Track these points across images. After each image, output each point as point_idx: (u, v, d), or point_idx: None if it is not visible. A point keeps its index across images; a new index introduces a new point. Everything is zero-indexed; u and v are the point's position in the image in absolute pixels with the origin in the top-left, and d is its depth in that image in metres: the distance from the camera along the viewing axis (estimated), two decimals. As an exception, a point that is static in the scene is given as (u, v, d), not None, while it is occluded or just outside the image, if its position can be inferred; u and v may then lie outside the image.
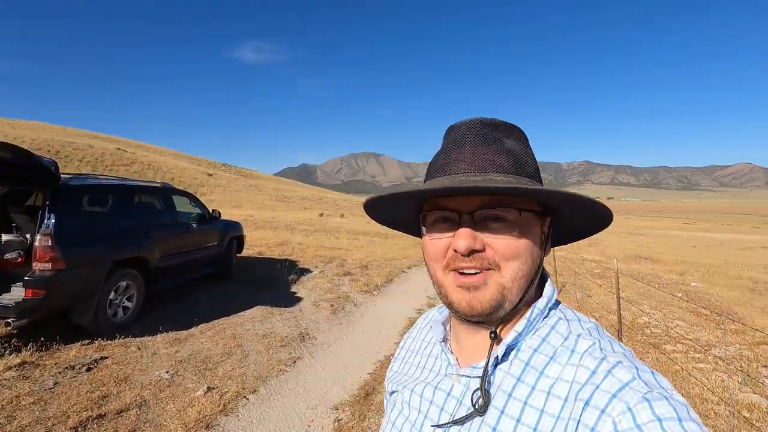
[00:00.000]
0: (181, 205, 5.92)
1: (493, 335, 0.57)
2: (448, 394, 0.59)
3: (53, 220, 3.60)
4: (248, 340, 4.47)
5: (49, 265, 3.54)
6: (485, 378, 0.54)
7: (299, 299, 6.20)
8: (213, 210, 6.37)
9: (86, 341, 4.00)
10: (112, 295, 4.23)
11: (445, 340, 0.66)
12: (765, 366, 4.50)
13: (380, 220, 0.71)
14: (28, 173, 3.70)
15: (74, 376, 3.38)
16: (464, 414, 0.54)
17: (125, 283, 4.39)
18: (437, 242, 0.57)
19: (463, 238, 0.53)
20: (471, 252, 0.53)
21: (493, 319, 0.56)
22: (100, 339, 4.05)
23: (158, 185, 5.39)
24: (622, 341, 4.70)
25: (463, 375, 0.59)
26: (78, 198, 3.99)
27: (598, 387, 0.46)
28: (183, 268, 5.47)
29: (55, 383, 3.25)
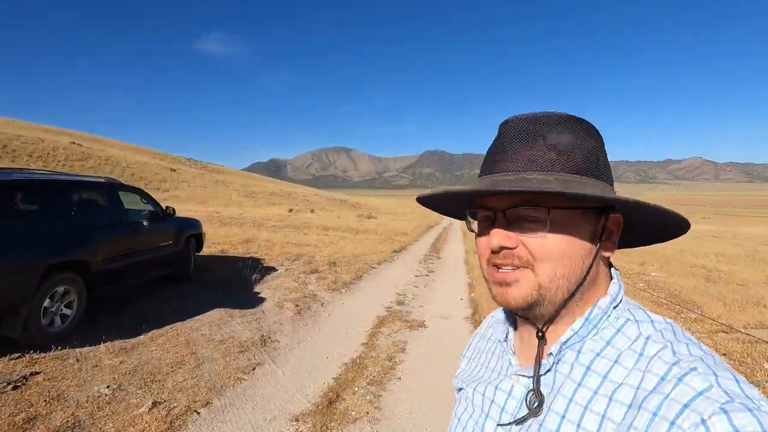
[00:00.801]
0: (131, 202, 5.48)
1: (539, 333, 0.57)
2: (509, 394, 0.60)
3: (-31, 222, 3.17)
4: (204, 346, 4.16)
5: (-36, 272, 3.11)
6: (536, 377, 0.55)
7: (262, 300, 5.89)
8: (167, 207, 5.93)
9: (15, 355, 3.58)
10: (47, 303, 3.81)
11: (507, 339, 0.66)
12: (723, 354, 4.60)
13: (431, 208, 0.77)
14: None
15: (-3, 397, 2.99)
16: (523, 415, 0.55)
17: (62, 288, 3.97)
18: (481, 239, 0.59)
19: (495, 236, 0.55)
20: (502, 249, 0.55)
21: (537, 316, 0.57)
22: (32, 352, 3.64)
23: (101, 180, 4.94)
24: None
25: (522, 375, 0.59)
26: (2, 196, 3.55)
27: (667, 396, 0.43)
28: (132, 270, 5.05)
29: (-27, 406, 2.86)
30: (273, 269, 7.90)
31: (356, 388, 3.53)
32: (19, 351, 3.63)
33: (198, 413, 3.02)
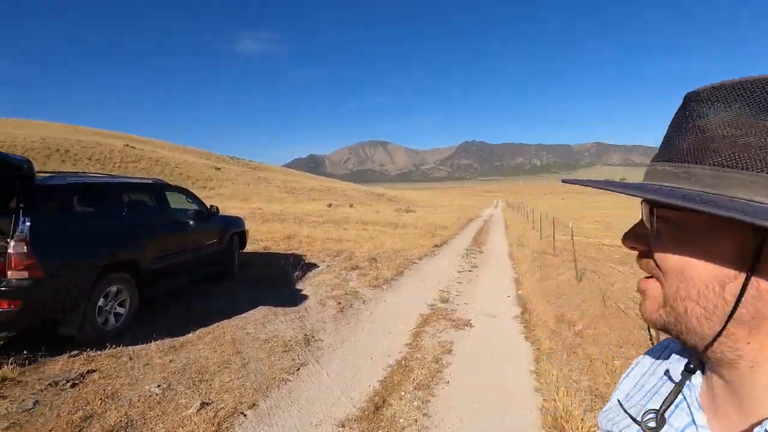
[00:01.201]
0: (177, 201, 5.61)
1: (685, 370, 0.47)
2: None
3: (28, 224, 3.29)
4: (249, 345, 4.16)
5: (25, 274, 3.24)
6: None
7: (305, 297, 5.88)
8: (211, 206, 6.04)
9: (74, 352, 3.72)
10: (101, 302, 3.94)
11: (690, 383, 0.48)
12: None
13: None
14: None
15: (57, 394, 3.09)
16: None
17: (116, 288, 4.10)
18: None
19: (628, 232, 0.50)
20: (633, 249, 0.49)
21: (690, 348, 0.44)
22: (89, 350, 3.77)
23: (149, 181, 5.07)
24: (659, 336, 4.31)
25: None
26: (57, 199, 3.68)
27: None
28: (180, 269, 5.17)
29: (35, 403, 2.97)
30: (314, 266, 7.92)
31: (403, 393, 3.39)
32: (78, 349, 3.77)
33: (244, 415, 2.99)
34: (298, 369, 3.77)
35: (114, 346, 3.89)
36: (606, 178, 0.50)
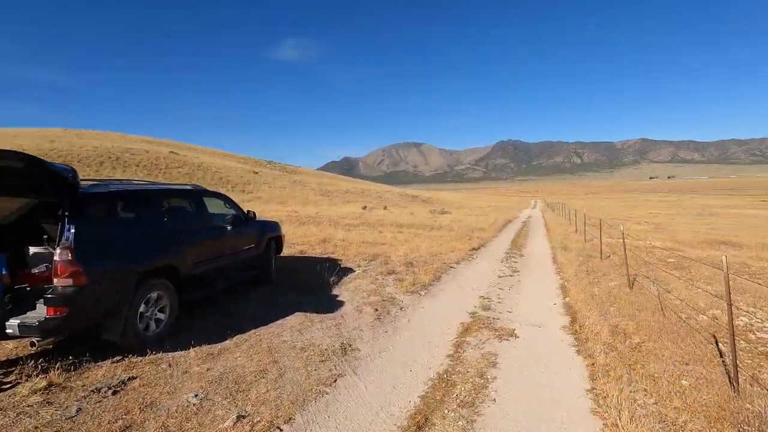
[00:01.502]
0: (215, 207, 5.65)
1: None
2: None
3: (73, 232, 3.34)
4: (285, 354, 4.07)
5: (70, 281, 3.29)
6: None
7: (341, 303, 5.77)
8: (248, 210, 6.06)
9: (117, 358, 3.76)
10: (142, 308, 3.97)
11: None
12: None
13: None
14: (42, 182, 3.47)
15: (99, 401, 3.11)
16: None
17: (156, 294, 4.13)
18: None
19: None
20: None
21: None
22: (130, 356, 3.80)
23: (188, 188, 5.12)
24: (735, 352, 3.85)
25: None
26: (100, 206, 3.74)
27: None
28: (218, 274, 5.19)
29: (78, 410, 2.99)
30: (350, 270, 7.81)
31: (446, 411, 3.17)
32: (120, 354, 3.82)
33: (281, 430, 2.88)
34: (335, 380, 3.64)
35: (154, 352, 3.91)
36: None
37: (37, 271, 3.83)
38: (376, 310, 5.52)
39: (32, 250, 4.00)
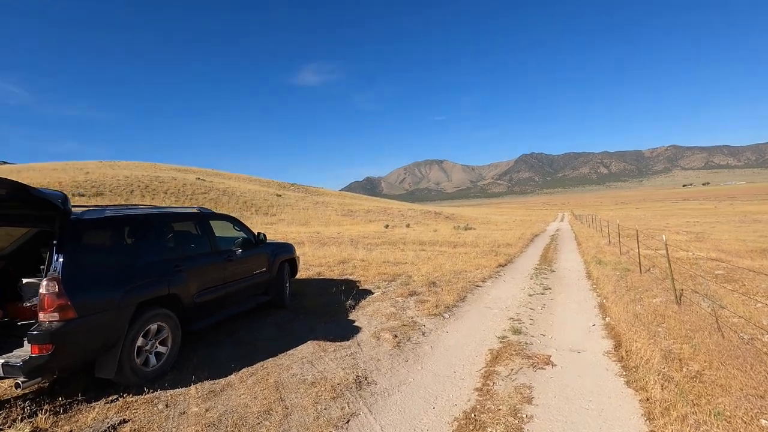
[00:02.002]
0: (224, 230, 5.41)
1: None
2: None
3: (61, 262, 3.11)
4: (293, 390, 3.68)
5: (56, 315, 3.04)
6: None
7: (357, 329, 5.36)
8: (258, 233, 5.79)
9: (113, 397, 3.46)
10: (140, 342, 3.69)
11: None
12: None
13: None
14: (33, 209, 3.28)
15: (84, 450, 2.79)
16: None
17: (156, 325, 3.85)
18: None
19: None
20: None
21: None
22: (127, 394, 3.50)
23: (193, 211, 4.89)
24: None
25: None
26: (92, 233, 3.52)
27: None
28: (227, 300, 4.89)
29: (60, 462, 2.67)
30: (369, 292, 7.40)
31: (475, 461, 2.70)
32: (117, 393, 3.52)
33: (281, 487, 2.47)
34: (348, 421, 3.21)
35: (152, 390, 3.59)
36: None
37: (29, 304, 3.62)
38: (396, 336, 5.08)
39: (25, 281, 3.80)
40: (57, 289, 3.04)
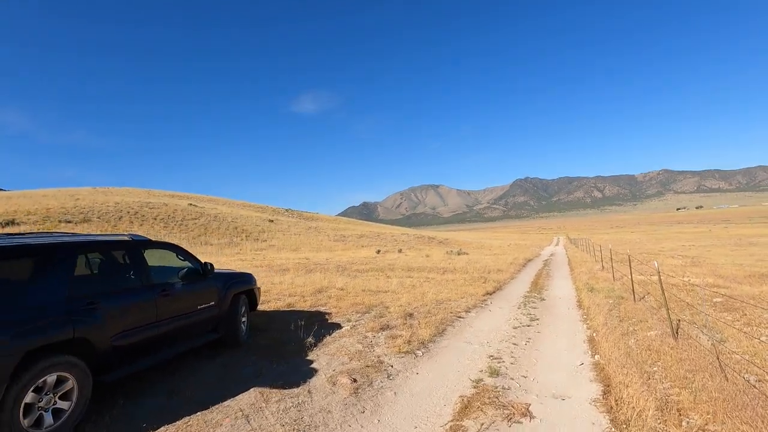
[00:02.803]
0: (164, 260, 4.83)
1: None
2: None
3: None
4: (213, 456, 3.04)
5: None
6: None
7: (312, 372, 4.71)
8: (206, 263, 5.19)
9: (-14, 470, 2.81)
10: (29, 397, 3.05)
11: None
12: None
13: None
14: None
15: None
16: None
17: (55, 376, 3.22)
18: None
19: None
20: None
21: None
22: (3, 465, 2.85)
23: (122, 238, 4.31)
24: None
25: None
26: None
27: None
28: (159, 342, 4.26)
29: None
30: (338, 326, 6.75)
31: None
32: (-8, 463, 2.87)
33: None
34: (270, 501, 2.57)
35: (38, 459, 2.94)
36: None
37: None
38: (355, 380, 4.44)
39: None
40: None
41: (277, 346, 5.55)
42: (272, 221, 54.40)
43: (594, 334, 6.38)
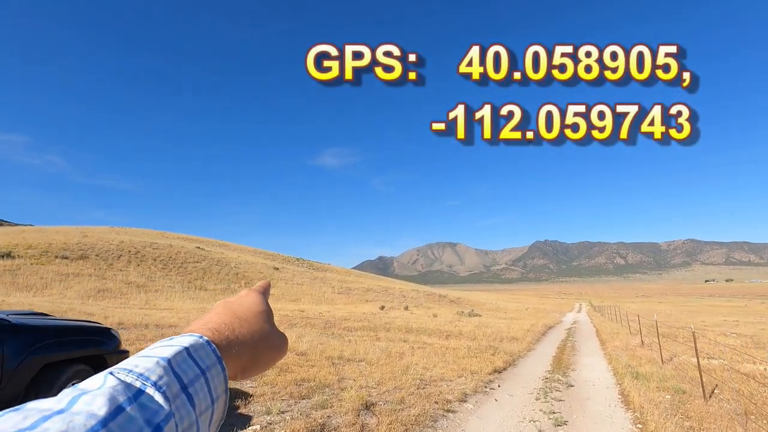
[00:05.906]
0: None
1: None
2: None
3: None
4: None
5: None
6: None
7: None
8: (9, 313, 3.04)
9: None
10: None
11: None
12: None
13: None
14: None
15: None
16: None
17: None
18: None
19: None
20: None
21: None
22: None
23: None
24: None
25: None
26: None
27: None
28: None
29: None
30: (242, 424, 4.32)
31: None
32: None
33: None
34: None
35: None
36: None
37: None
38: None
39: None
40: None
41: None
42: (277, 269, 52.34)
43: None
